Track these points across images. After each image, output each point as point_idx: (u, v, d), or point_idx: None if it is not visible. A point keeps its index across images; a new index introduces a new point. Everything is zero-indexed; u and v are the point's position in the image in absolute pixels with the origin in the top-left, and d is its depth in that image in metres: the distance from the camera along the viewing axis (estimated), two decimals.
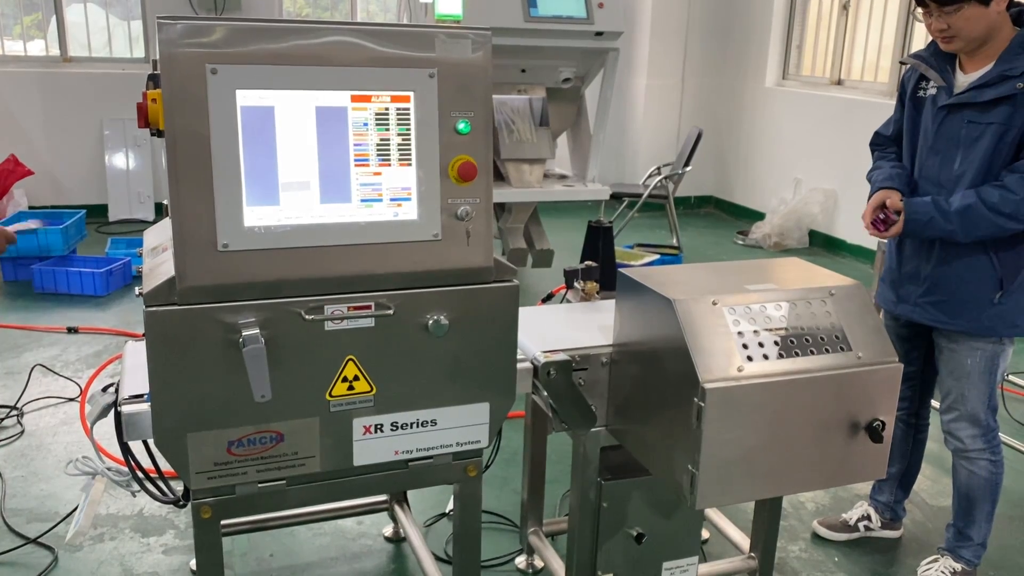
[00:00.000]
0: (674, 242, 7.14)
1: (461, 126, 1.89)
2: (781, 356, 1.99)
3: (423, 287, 1.93)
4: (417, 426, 2.02)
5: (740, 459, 1.96)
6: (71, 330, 4.84)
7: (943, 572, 2.73)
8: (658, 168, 7.34)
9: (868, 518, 3.02)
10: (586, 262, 2.70)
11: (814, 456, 2.02)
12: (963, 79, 2.47)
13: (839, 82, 7.44)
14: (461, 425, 2.06)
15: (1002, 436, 3.62)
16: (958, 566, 2.73)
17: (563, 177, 5.98)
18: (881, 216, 2.51)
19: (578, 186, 5.72)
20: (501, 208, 6.09)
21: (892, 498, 3.00)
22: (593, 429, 2.30)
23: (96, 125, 7.40)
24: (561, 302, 2.70)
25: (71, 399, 3.99)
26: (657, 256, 6.58)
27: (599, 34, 5.30)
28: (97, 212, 7.33)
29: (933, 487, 3.44)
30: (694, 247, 7.38)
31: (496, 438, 2.63)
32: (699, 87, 8.64)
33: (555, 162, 6.25)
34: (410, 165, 1.88)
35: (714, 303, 1.99)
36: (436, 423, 2.04)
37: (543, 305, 2.73)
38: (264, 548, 2.89)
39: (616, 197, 7.14)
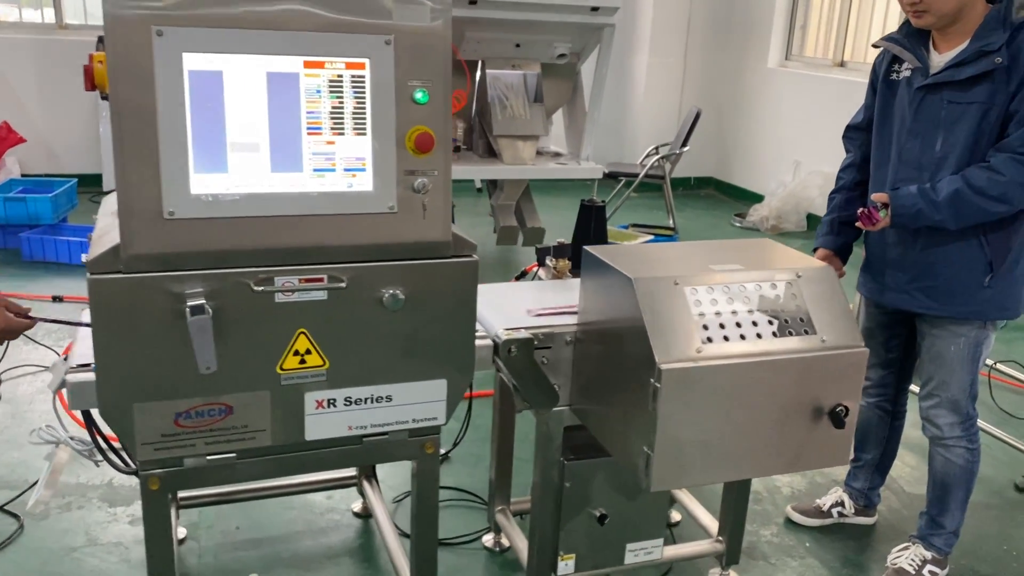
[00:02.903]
0: (670, 223, 7.08)
1: (419, 95, 1.84)
2: (742, 338, 1.94)
3: (378, 260, 1.89)
4: (371, 402, 1.99)
5: (697, 441, 1.92)
6: (56, 299, 4.75)
7: (913, 560, 2.70)
8: (656, 148, 7.27)
9: (842, 504, 2.99)
10: (558, 240, 2.66)
11: (775, 440, 1.99)
12: (938, 59, 2.40)
13: (842, 64, 7.34)
14: (417, 402, 2.03)
15: (987, 425, 3.60)
16: (928, 554, 2.70)
17: (557, 155, 5.92)
18: (866, 211, 2.44)
19: (571, 164, 5.67)
20: (493, 185, 6.05)
21: (867, 484, 2.97)
22: (556, 408, 2.26)
23: (91, 93, 7.34)
24: (532, 280, 2.66)
25: (49, 368, 3.97)
26: (651, 237, 6.52)
27: (595, 9, 5.22)
28: (92, 181, 7.29)
29: (912, 474, 3.40)
30: (691, 229, 7.32)
31: (466, 416, 2.61)
32: (701, 66, 8.55)
33: (550, 139, 6.19)
34: (365, 134, 1.84)
35: (675, 283, 1.95)
36: (391, 399, 2.00)
37: (514, 282, 2.69)
38: (231, 520, 2.88)
39: (612, 176, 7.08)
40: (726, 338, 1.93)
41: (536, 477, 2.38)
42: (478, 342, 2.09)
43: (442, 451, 3.26)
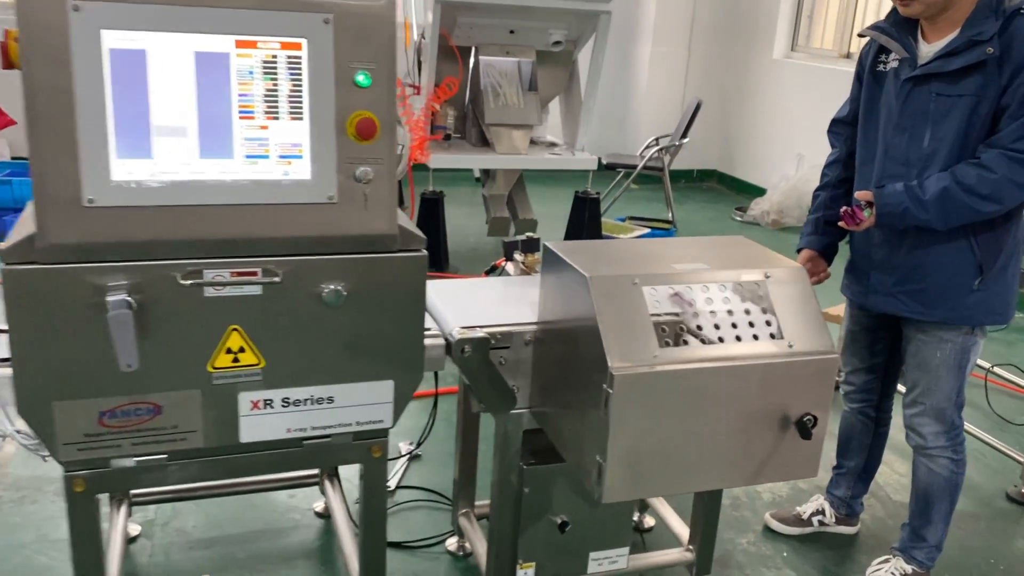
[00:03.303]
0: (669, 216, 6.95)
1: (360, 78, 1.73)
2: (703, 342, 1.83)
3: (317, 254, 1.79)
4: (311, 403, 1.88)
5: (653, 451, 1.81)
6: None
7: (893, 574, 2.58)
8: (656, 139, 7.13)
9: (822, 512, 2.87)
10: (527, 234, 2.55)
11: (736, 451, 1.87)
12: (927, 49, 2.27)
13: (848, 55, 7.18)
14: (362, 403, 1.92)
15: (980, 432, 3.47)
16: (909, 568, 2.58)
17: (552, 145, 5.80)
18: (849, 210, 2.31)
19: (565, 155, 5.54)
20: (487, 175, 5.94)
21: (849, 493, 2.84)
22: (515, 411, 2.16)
23: None
24: (499, 275, 2.56)
25: None
26: (647, 230, 6.42)
27: None
28: None
29: (900, 481, 3.28)
30: (690, 222, 7.19)
31: (431, 413, 2.51)
32: (706, 56, 8.39)
33: (546, 129, 6.06)
34: (302, 119, 1.73)
35: (634, 282, 1.83)
36: (333, 400, 1.90)
37: (483, 277, 2.58)
38: (188, 518, 2.78)
39: (611, 168, 6.96)
40: (685, 341, 1.82)
41: (494, 482, 2.28)
42: (430, 341, 1.99)
43: (412, 449, 3.17)
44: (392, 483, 3.02)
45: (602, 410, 1.76)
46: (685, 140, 6.85)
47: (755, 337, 1.86)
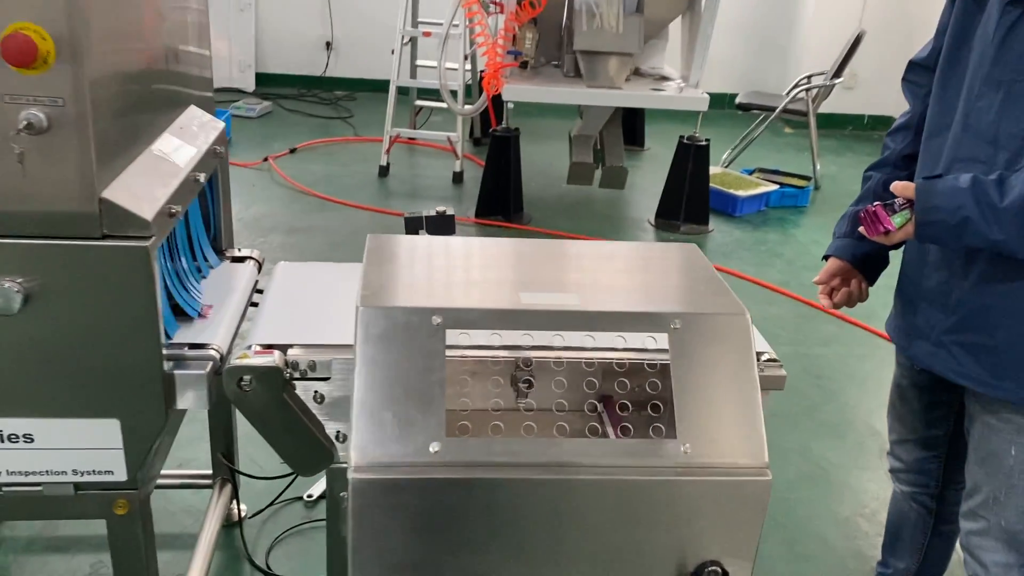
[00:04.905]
0: (811, 172, 5.86)
1: None
2: (530, 432, 1.11)
3: None
4: (1, 440, 1.34)
5: None
6: None
7: None
8: (808, 77, 6.01)
9: None
10: (437, 209, 1.86)
11: None
12: None
13: None
14: (78, 447, 1.37)
15: None
16: None
17: (664, 79, 4.91)
18: (871, 211, 1.45)
19: (671, 92, 4.66)
20: (580, 111, 5.15)
21: None
22: (339, 466, 1.52)
23: None
24: None
25: None
26: (776, 187, 5.41)
27: None
28: None
29: None
30: (839, 180, 6.04)
31: None
32: None
33: (663, 59, 5.17)
34: None
35: (435, 320, 1.13)
36: (33, 439, 1.35)
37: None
38: None
39: (744, 108, 5.94)
40: (499, 427, 1.11)
41: (329, 552, 1.67)
42: (191, 370, 1.39)
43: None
44: (316, 491, 2.48)
45: (341, 526, 1.10)
46: (839, 80, 5.71)
47: (623, 431, 1.11)
